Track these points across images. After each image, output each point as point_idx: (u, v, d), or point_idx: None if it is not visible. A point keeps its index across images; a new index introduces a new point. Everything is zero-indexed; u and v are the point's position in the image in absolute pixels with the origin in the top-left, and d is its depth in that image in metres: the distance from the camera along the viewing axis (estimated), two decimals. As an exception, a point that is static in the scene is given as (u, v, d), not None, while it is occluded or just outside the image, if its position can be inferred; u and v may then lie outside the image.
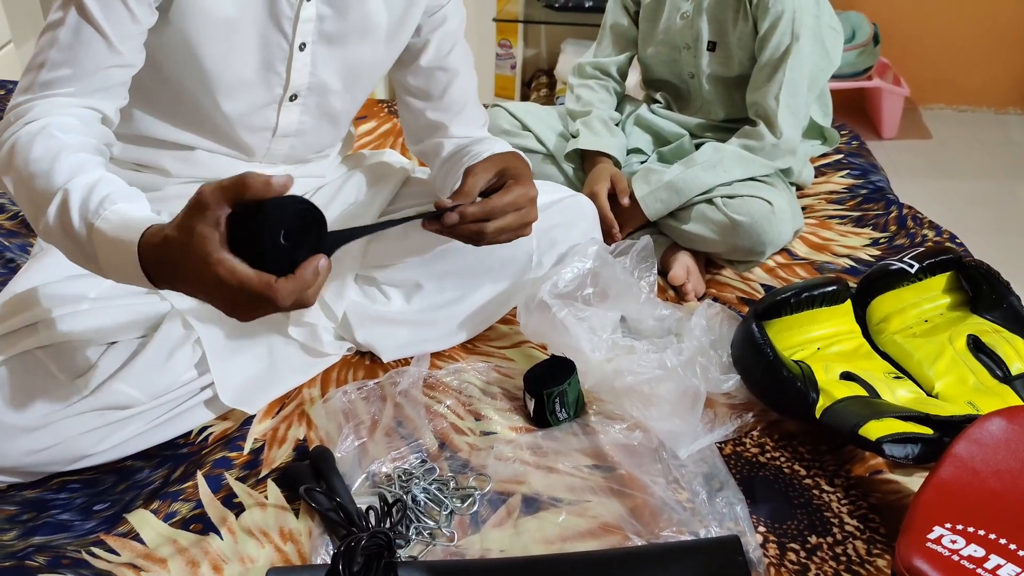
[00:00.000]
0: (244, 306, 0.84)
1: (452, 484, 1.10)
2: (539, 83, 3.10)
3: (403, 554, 1.01)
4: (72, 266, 1.16)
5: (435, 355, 1.32)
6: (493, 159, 1.18)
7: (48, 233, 0.93)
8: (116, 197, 0.91)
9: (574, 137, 1.62)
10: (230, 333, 1.20)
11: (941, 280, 1.29)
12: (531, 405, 1.18)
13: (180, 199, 1.21)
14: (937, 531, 0.87)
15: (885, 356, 1.25)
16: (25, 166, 0.93)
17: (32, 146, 0.94)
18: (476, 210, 1.09)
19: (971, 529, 0.86)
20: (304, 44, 1.14)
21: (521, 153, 1.24)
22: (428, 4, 1.23)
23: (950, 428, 1.04)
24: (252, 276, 0.81)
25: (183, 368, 1.15)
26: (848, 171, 1.74)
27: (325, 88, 1.20)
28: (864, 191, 1.68)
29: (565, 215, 1.37)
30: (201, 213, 0.81)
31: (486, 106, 1.72)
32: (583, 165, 1.61)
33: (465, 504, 1.08)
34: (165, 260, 0.85)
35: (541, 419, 1.18)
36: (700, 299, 1.46)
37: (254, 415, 1.21)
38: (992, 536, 0.86)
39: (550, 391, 1.16)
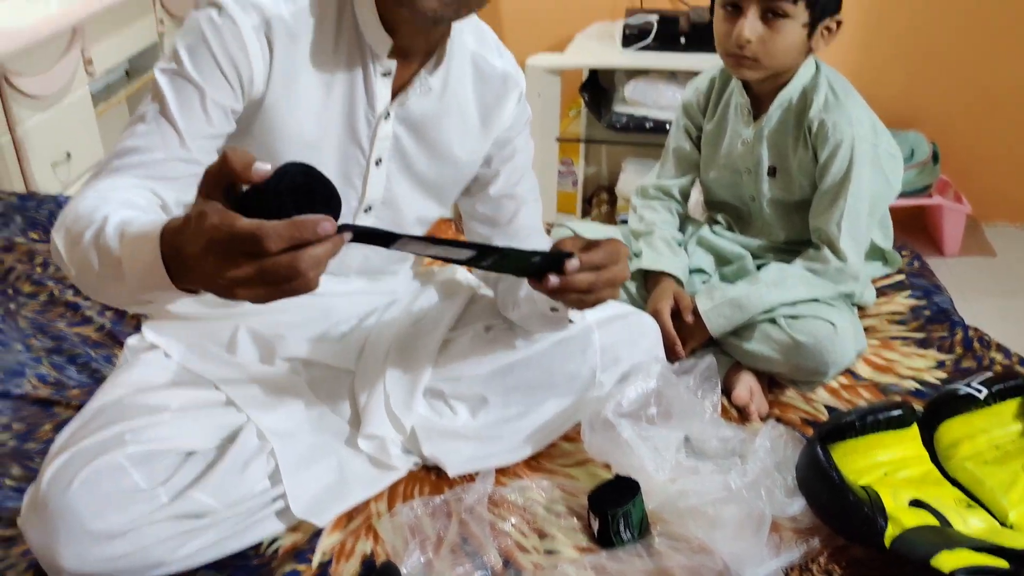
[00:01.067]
0: (237, 258, 0.75)
1: (517, 604, 1.10)
2: (600, 199, 3.17)
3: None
4: (156, 378, 1.22)
5: (500, 471, 1.33)
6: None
7: (82, 262, 0.92)
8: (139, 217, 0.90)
9: (637, 256, 1.65)
10: (303, 445, 1.24)
11: (1012, 405, 1.28)
12: (595, 525, 1.19)
13: (256, 315, 1.29)
14: (1016, 670, 0.84)
15: (955, 483, 1.23)
16: (74, 221, 0.95)
17: (82, 203, 0.96)
18: (595, 257, 1.04)
19: (1052, 669, 0.84)
20: (380, 160, 1.22)
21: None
22: (499, 137, 1.30)
23: (1026, 560, 1.01)
24: (241, 220, 0.74)
25: (258, 478, 1.18)
26: (910, 292, 1.74)
27: (398, 202, 1.27)
28: (927, 312, 1.68)
29: (628, 332, 1.40)
30: (201, 196, 0.79)
31: (549, 225, 1.78)
32: (646, 284, 1.65)
33: (530, 625, 1.07)
34: (178, 246, 0.81)
35: (605, 539, 1.18)
36: (763, 420, 1.46)
37: (322, 528, 1.23)
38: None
39: (614, 511, 1.17)
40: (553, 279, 1.02)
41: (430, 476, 1.34)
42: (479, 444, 1.33)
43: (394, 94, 1.20)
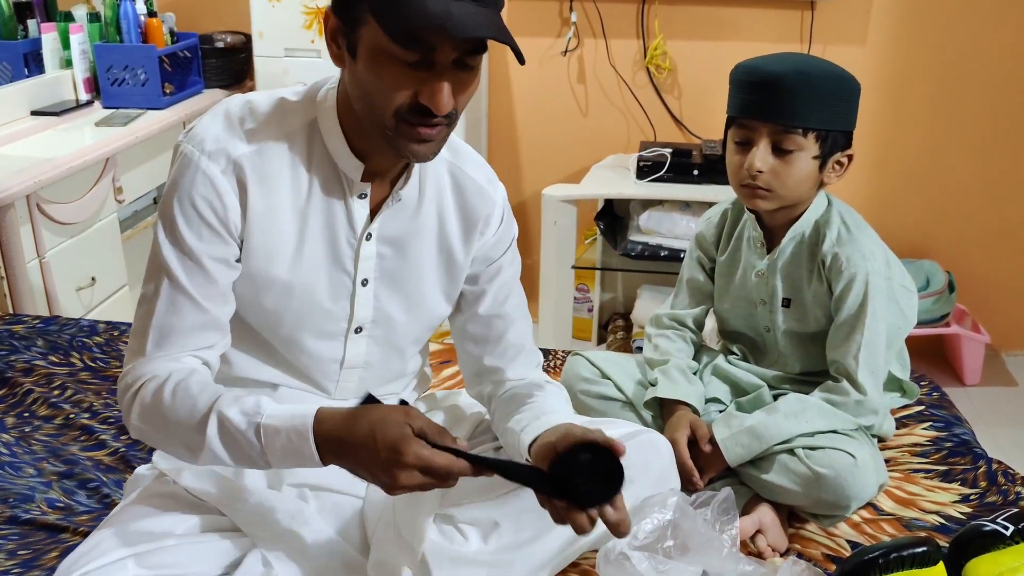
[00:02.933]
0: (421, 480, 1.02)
1: None
2: (615, 326, 3.18)
3: None
4: (162, 503, 1.21)
5: (512, 603, 1.29)
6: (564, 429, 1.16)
7: (208, 453, 1.09)
8: (265, 401, 1.09)
9: (652, 385, 1.65)
10: (310, 572, 1.21)
11: (1039, 542, 1.24)
12: None
13: None
14: None
15: (985, 624, 1.18)
16: (167, 412, 1.11)
17: (163, 393, 1.12)
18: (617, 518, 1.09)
19: None
20: (366, 280, 1.24)
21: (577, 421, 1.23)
22: (485, 254, 1.33)
23: None
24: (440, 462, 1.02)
25: None
26: (931, 423, 1.72)
27: (389, 320, 1.29)
28: (949, 444, 1.65)
29: (641, 453, 1.38)
30: (392, 418, 1.02)
31: (566, 352, 1.78)
32: (662, 413, 1.63)
33: None
34: (335, 440, 1.04)
35: None
36: (783, 555, 1.42)
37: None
38: None
39: None
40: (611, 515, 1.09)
41: (441, 610, 1.30)
42: (491, 570, 1.29)
43: (373, 214, 1.23)
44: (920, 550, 1.21)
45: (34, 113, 2.71)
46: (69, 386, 1.86)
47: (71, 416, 1.77)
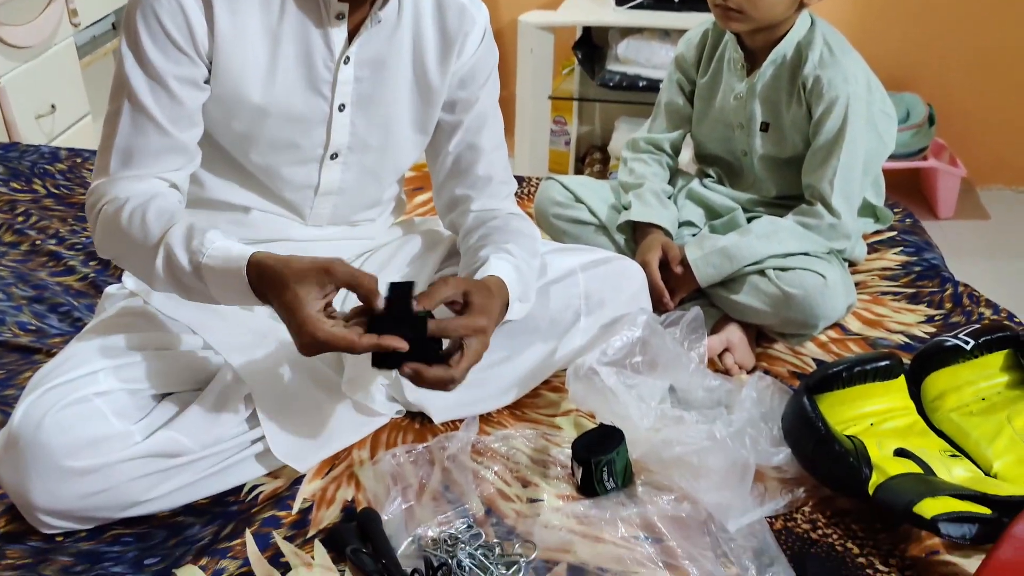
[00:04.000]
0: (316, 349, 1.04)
1: (498, 550, 1.09)
2: (592, 159, 3.14)
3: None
4: (133, 322, 1.21)
5: (484, 420, 1.33)
6: (469, 281, 1.17)
7: (161, 283, 1.10)
8: (211, 236, 1.07)
9: (626, 209, 1.64)
10: (282, 390, 1.23)
11: (999, 358, 1.27)
12: (579, 473, 1.18)
13: None
14: (996, 614, 0.84)
15: (940, 434, 1.22)
16: (123, 237, 1.10)
17: (120, 217, 1.10)
18: (439, 375, 1.10)
19: (1032, 613, 0.84)
20: (343, 105, 1.19)
21: (505, 283, 1.20)
22: (461, 78, 1.28)
23: (1009, 508, 1.01)
24: (325, 331, 1.02)
25: (234, 421, 1.17)
26: (902, 248, 1.73)
27: (365, 146, 1.26)
28: (918, 268, 1.67)
29: (613, 277, 1.39)
30: (307, 279, 1.02)
31: (539, 179, 1.75)
32: (635, 236, 1.63)
33: (510, 571, 1.07)
34: (264, 291, 1.05)
35: (588, 488, 1.17)
36: (750, 372, 1.45)
37: (304, 475, 1.22)
38: (1055, 621, 0.83)
39: (598, 459, 1.16)
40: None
41: (414, 424, 1.33)
42: (463, 389, 1.31)
43: (351, 36, 1.18)
44: (883, 364, 1.23)
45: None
46: (33, 213, 1.83)
47: (37, 243, 1.74)
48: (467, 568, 1.06)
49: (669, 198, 1.67)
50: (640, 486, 1.18)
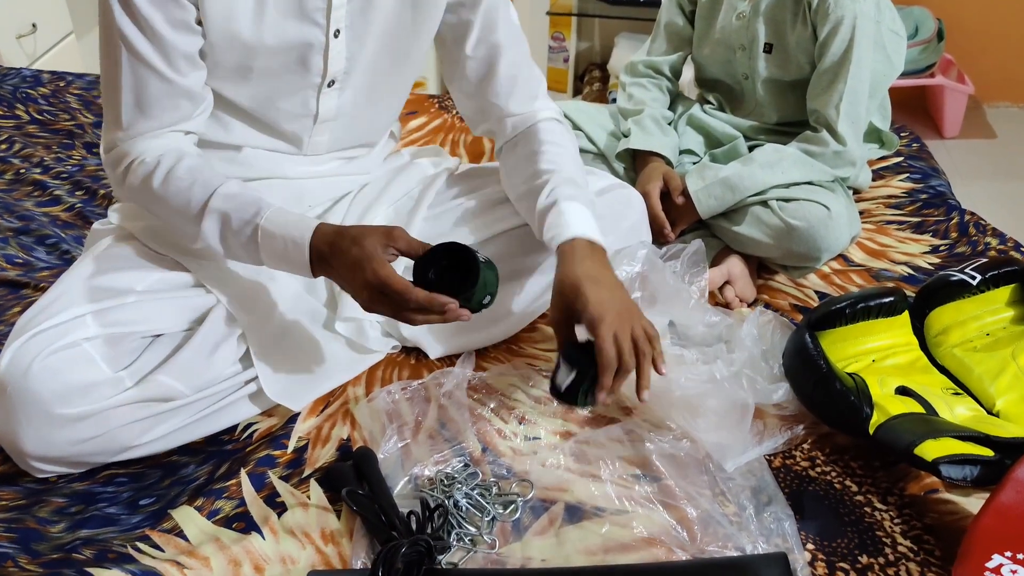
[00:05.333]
0: (382, 299, 1.05)
1: (495, 490, 1.09)
2: (592, 77, 3.07)
3: (444, 560, 1.00)
4: (121, 260, 1.18)
5: (480, 356, 1.31)
6: (585, 312, 1.09)
7: (204, 244, 1.11)
8: (264, 203, 1.09)
9: (625, 136, 1.59)
10: (275, 328, 1.21)
11: (1005, 292, 1.25)
12: (566, 379, 1.10)
13: None
14: (996, 559, 0.84)
15: (943, 370, 1.21)
16: (160, 200, 1.11)
17: (152, 182, 1.10)
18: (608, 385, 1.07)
19: (1032, 558, 0.83)
20: (338, 31, 1.14)
21: (594, 240, 1.16)
22: None
23: (1012, 450, 1.00)
24: (397, 279, 1.04)
25: (227, 362, 1.16)
26: (908, 175, 1.69)
27: (362, 70, 1.21)
28: (924, 196, 1.63)
29: (613, 206, 1.35)
30: (364, 242, 1.05)
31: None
32: (635, 164, 1.59)
33: (507, 510, 1.07)
34: (330, 264, 1.07)
35: (570, 395, 1.10)
36: (751, 305, 1.43)
37: (298, 413, 1.21)
38: (1054, 566, 0.82)
39: (590, 370, 1.08)
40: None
41: (409, 360, 1.31)
42: (459, 326, 1.30)
43: None
44: (887, 300, 1.21)
45: None
46: (17, 140, 1.78)
47: (22, 171, 1.70)
48: (464, 508, 1.06)
49: (669, 124, 1.63)
50: (639, 423, 1.17)
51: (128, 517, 1.08)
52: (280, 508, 1.07)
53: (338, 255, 1.06)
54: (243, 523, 1.05)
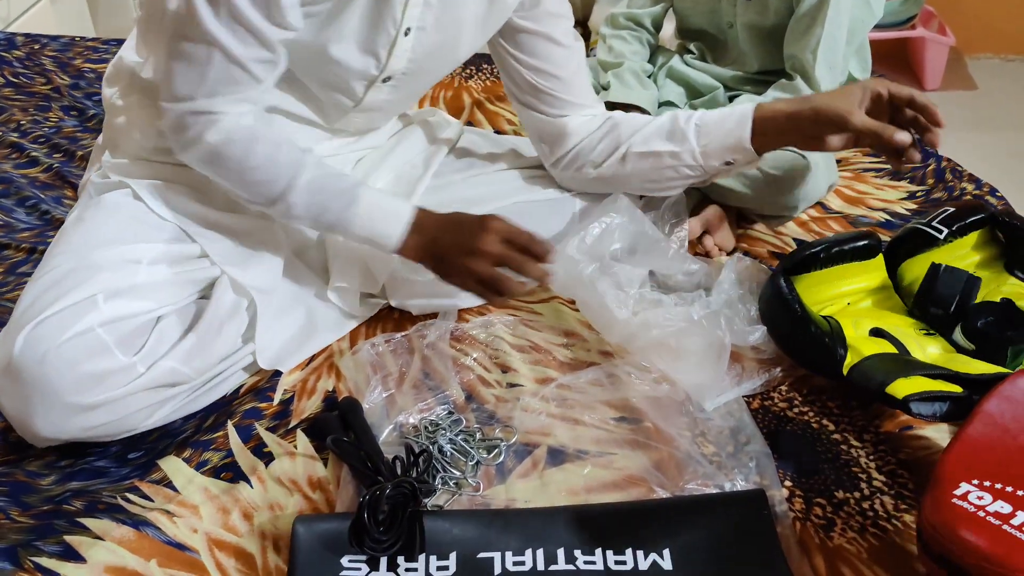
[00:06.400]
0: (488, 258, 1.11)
1: (478, 435, 1.11)
2: (573, 34, 3.05)
3: (429, 503, 1.02)
4: (126, 227, 1.15)
5: (462, 308, 1.32)
6: (824, 97, 1.18)
7: (282, 212, 1.14)
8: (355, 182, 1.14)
9: (605, 89, 1.59)
10: (277, 300, 1.21)
11: (971, 238, 1.25)
12: None
13: None
14: (964, 487, 0.86)
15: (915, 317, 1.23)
16: (239, 171, 1.11)
17: (232, 149, 1.10)
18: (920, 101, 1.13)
19: (999, 486, 0.85)
20: (409, 29, 1.13)
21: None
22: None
23: (980, 386, 1.02)
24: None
25: (231, 342, 1.16)
26: (886, 123, 1.69)
27: (419, 70, 1.21)
28: (902, 144, 1.64)
29: None
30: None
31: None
32: (614, 117, 1.59)
33: (491, 455, 1.09)
34: (434, 223, 1.14)
35: None
36: (730, 254, 1.45)
37: (281, 372, 1.22)
38: (1020, 493, 0.84)
39: None
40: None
41: (392, 315, 1.33)
42: (448, 290, 1.29)
43: None
44: (861, 243, 1.23)
45: None
46: (-5, 104, 1.77)
47: (-1, 134, 1.69)
48: (448, 453, 1.08)
49: (649, 77, 1.63)
50: (619, 366, 1.19)
51: (117, 469, 1.09)
52: (267, 458, 1.09)
53: (452, 225, 1.12)
54: (231, 473, 1.07)
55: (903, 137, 1.11)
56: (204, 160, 1.12)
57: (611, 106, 1.58)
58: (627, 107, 1.56)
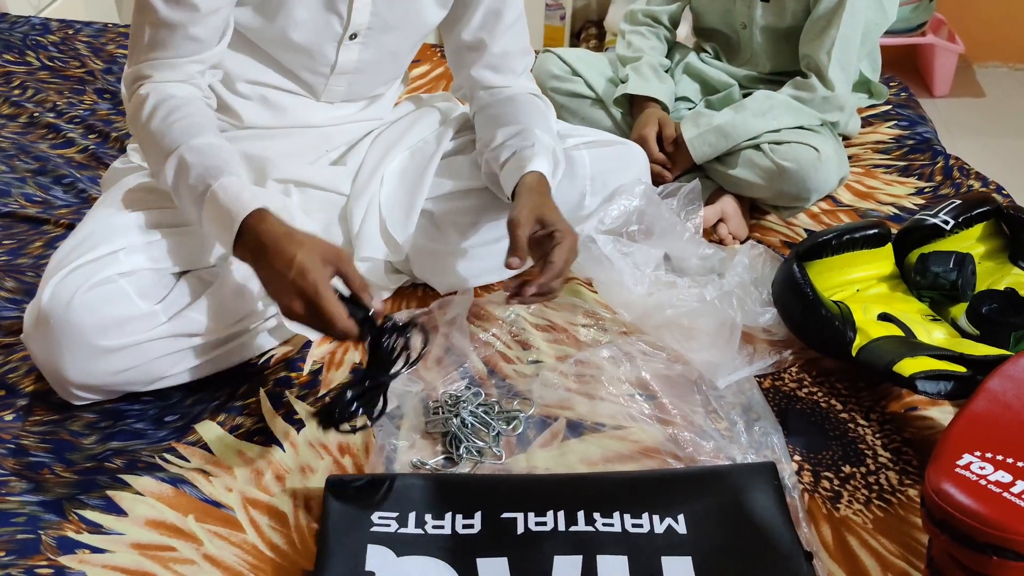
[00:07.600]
0: (304, 311, 1.02)
1: (497, 408, 1.15)
2: (588, 34, 3.10)
3: (454, 472, 1.07)
4: (148, 196, 1.22)
5: (484, 287, 1.37)
6: (529, 205, 1.18)
7: (164, 183, 1.10)
8: (231, 168, 1.08)
9: (623, 83, 1.64)
10: None
11: (977, 230, 1.30)
12: None
13: (247, 139, 1.27)
14: (966, 458, 0.90)
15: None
16: (141, 129, 1.11)
17: (143, 109, 1.10)
18: (547, 279, 1.14)
19: (1000, 457, 0.89)
20: None
21: (546, 176, 1.23)
22: None
23: (984, 366, 1.06)
24: (331, 303, 1.00)
25: (253, 299, 1.20)
26: (896, 122, 1.74)
27: (385, 27, 1.24)
28: (911, 142, 1.69)
29: (617, 159, 1.40)
30: (321, 251, 1.03)
31: (536, 52, 1.74)
32: (631, 110, 1.64)
33: (510, 426, 1.13)
34: (260, 242, 1.04)
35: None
36: (743, 242, 1.49)
37: (312, 341, 1.27)
38: (1020, 464, 0.89)
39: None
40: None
41: (417, 293, 1.37)
42: (468, 263, 1.35)
43: None
44: (871, 232, 1.27)
45: None
46: (29, 85, 1.82)
47: (35, 115, 1.74)
48: (469, 425, 1.13)
49: (666, 72, 1.67)
50: (636, 344, 1.23)
51: (155, 432, 1.14)
52: (298, 424, 1.13)
53: (278, 253, 1.02)
54: (263, 437, 1.12)
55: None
56: (128, 121, 1.16)
57: (629, 99, 1.63)
58: (645, 100, 1.61)
